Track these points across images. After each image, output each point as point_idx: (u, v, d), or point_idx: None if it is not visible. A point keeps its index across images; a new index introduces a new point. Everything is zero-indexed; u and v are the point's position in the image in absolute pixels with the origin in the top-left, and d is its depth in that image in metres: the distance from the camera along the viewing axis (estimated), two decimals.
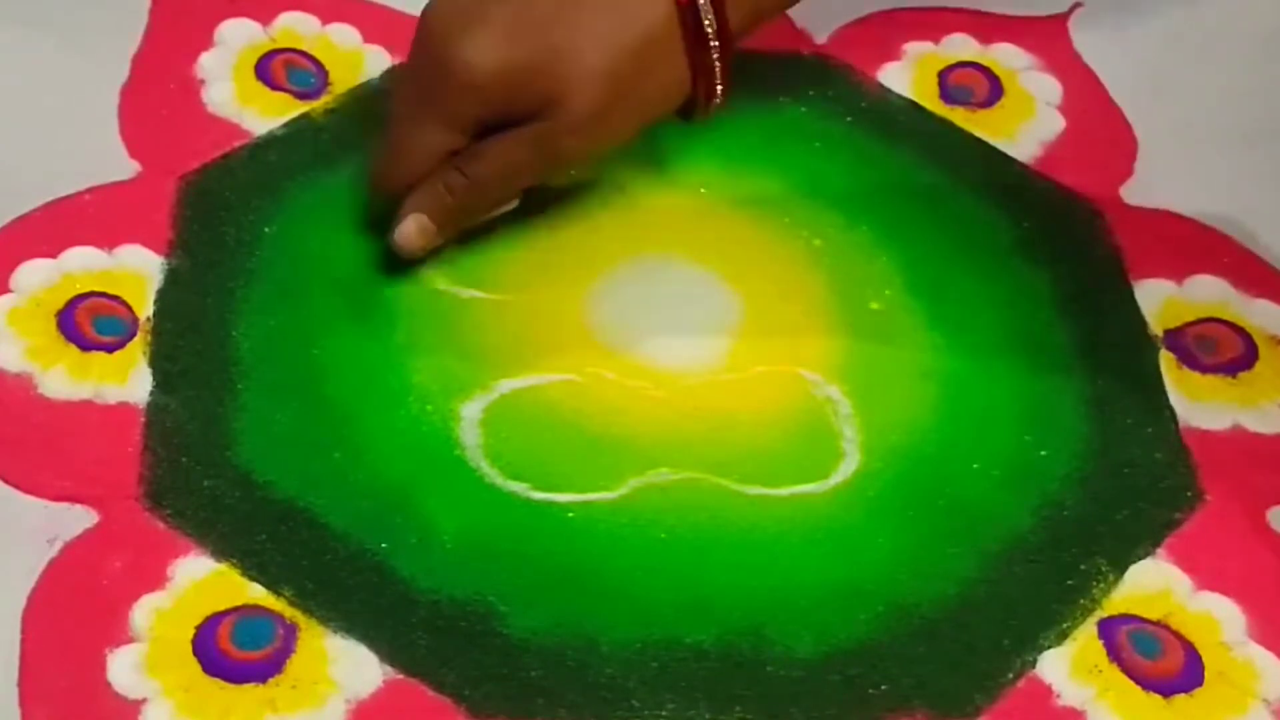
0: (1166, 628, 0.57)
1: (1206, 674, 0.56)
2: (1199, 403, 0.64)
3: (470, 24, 0.61)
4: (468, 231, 0.65)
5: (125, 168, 0.66)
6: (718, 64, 0.63)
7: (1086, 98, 0.76)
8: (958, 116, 0.74)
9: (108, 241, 0.63)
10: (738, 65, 0.63)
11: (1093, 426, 0.63)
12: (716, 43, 0.62)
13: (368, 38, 0.72)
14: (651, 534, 0.58)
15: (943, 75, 0.75)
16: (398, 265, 0.64)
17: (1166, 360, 0.66)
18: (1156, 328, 0.67)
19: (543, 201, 0.67)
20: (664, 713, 0.53)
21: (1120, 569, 0.59)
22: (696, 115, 0.65)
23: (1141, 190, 0.72)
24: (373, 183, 0.65)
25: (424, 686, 0.53)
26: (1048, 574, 0.58)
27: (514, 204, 0.65)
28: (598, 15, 0.61)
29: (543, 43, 0.61)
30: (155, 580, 0.54)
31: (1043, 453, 0.62)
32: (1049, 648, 0.56)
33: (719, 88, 0.64)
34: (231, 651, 0.52)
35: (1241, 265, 0.69)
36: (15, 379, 0.58)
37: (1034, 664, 0.56)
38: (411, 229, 0.63)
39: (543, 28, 0.61)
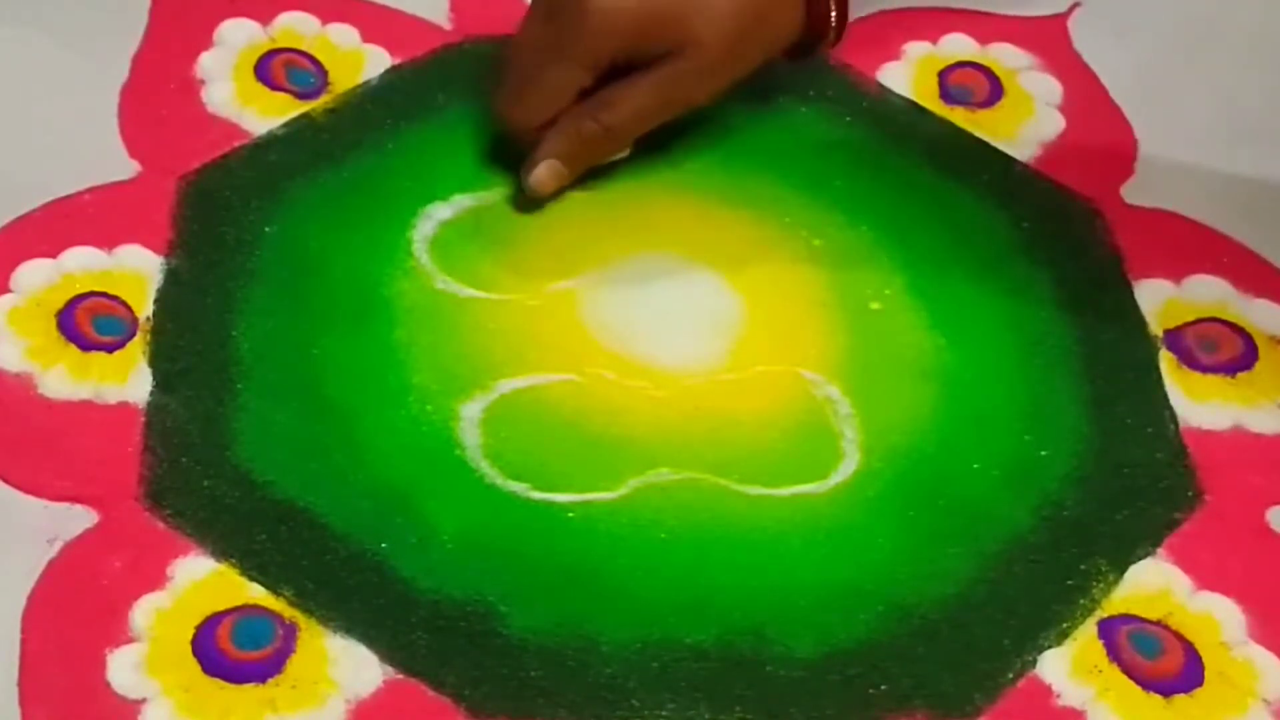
0: (1166, 628, 0.57)
1: (1206, 674, 0.56)
2: (1199, 403, 0.64)
3: None
4: (468, 231, 0.65)
5: (125, 168, 0.66)
6: (833, 7, 0.68)
7: (1086, 98, 0.76)
8: (958, 116, 0.74)
9: (108, 241, 0.63)
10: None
11: (1093, 426, 0.63)
12: None
13: (367, 38, 0.72)
14: (651, 534, 0.58)
15: (943, 75, 0.75)
16: (398, 265, 0.64)
17: (1166, 360, 0.66)
18: (1156, 328, 0.67)
19: (543, 202, 0.67)
20: (664, 713, 0.53)
21: (1120, 569, 0.59)
22: (808, 54, 0.69)
23: (1141, 190, 0.72)
24: (503, 116, 0.67)
25: (424, 686, 0.53)
26: (1048, 574, 0.58)
27: (628, 151, 0.68)
28: None
29: None
30: (155, 580, 0.54)
31: (1043, 453, 0.62)
32: (1049, 648, 0.56)
33: (834, 27, 0.68)
34: (231, 651, 0.52)
35: (1241, 265, 0.69)
36: (15, 379, 0.58)
37: (1034, 664, 0.56)
38: (545, 173, 0.66)
39: None
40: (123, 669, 0.52)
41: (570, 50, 0.65)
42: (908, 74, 0.75)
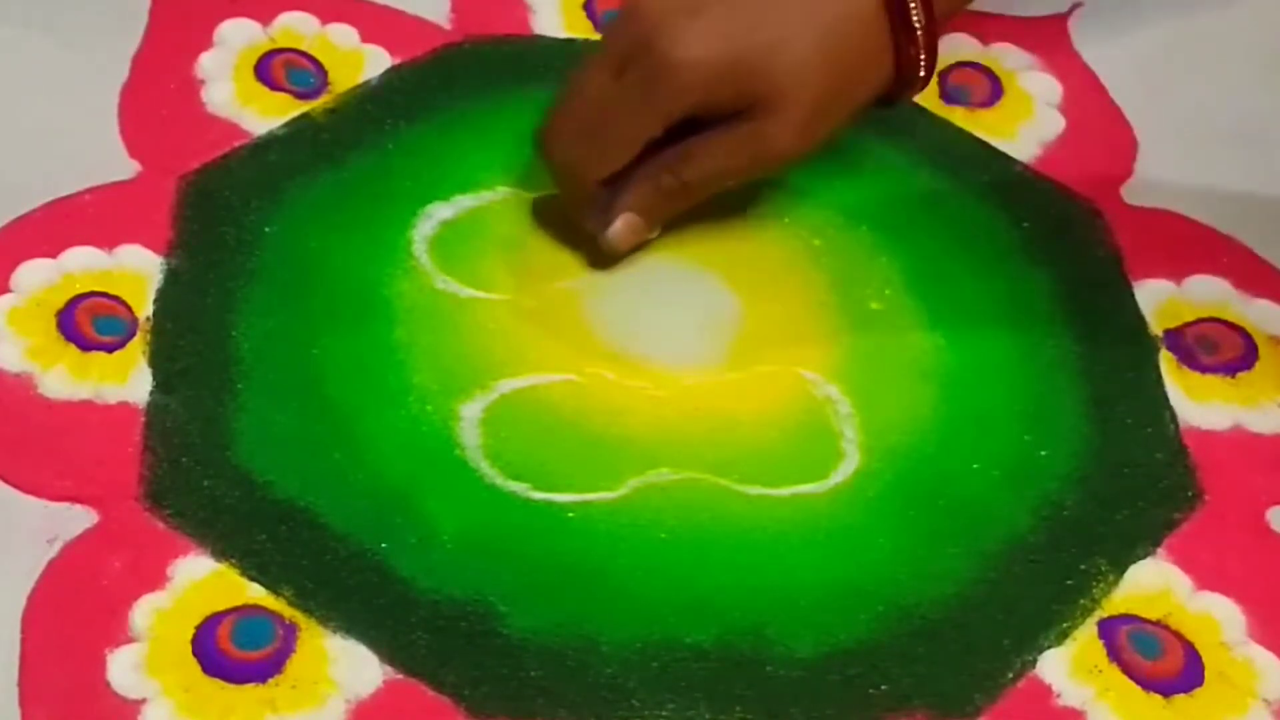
0: (1166, 628, 0.57)
1: (1206, 674, 0.56)
2: (1199, 403, 0.64)
3: (687, 16, 0.60)
4: (468, 231, 0.65)
5: (125, 168, 0.66)
6: (923, 54, 0.63)
7: (1086, 98, 0.76)
8: (958, 116, 0.74)
9: (108, 241, 0.63)
10: None
11: (1093, 426, 0.63)
12: (921, 30, 0.62)
13: (367, 38, 0.72)
14: (651, 534, 0.58)
15: (943, 75, 0.75)
16: (398, 265, 0.64)
17: (1166, 360, 0.66)
18: (1156, 328, 0.67)
19: (543, 202, 0.67)
20: (664, 713, 0.53)
21: (1120, 569, 0.59)
22: (897, 103, 0.65)
23: (1141, 190, 0.72)
24: (567, 166, 0.64)
25: (424, 686, 0.53)
26: (1048, 574, 0.58)
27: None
28: (808, 9, 0.61)
29: (759, 39, 0.61)
30: (155, 580, 0.54)
31: (1043, 453, 0.62)
32: (1049, 648, 0.56)
33: (922, 75, 0.64)
34: (231, 651, 0.52)
35: (1241, 265, 0.69)
36: (15, 379, 0.58)
37: (1034, 664, 0.56)
38: (623, 229, 0.63)
39: (757, 23, 0.61)
40: (123, 669, 0.52)
41: (648, 103, 0.61)
42: None
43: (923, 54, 0.63)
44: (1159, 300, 0.68)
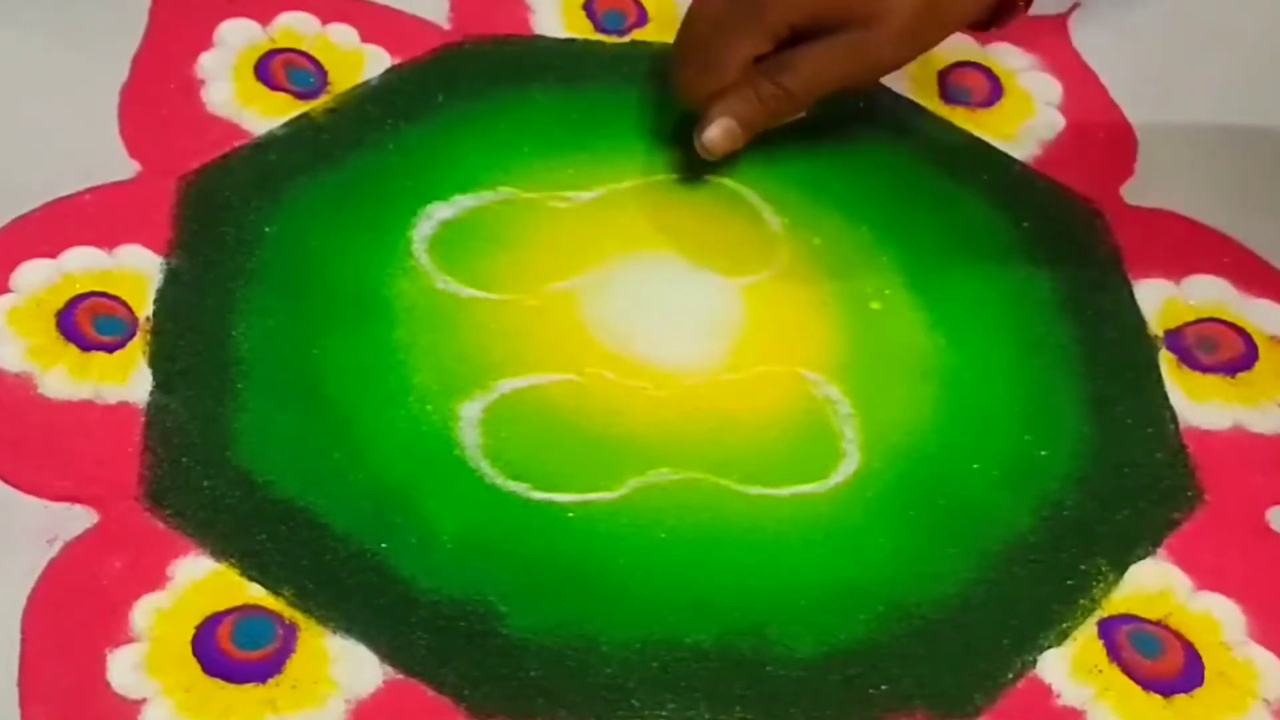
0: (1166, 628, 0.57)
1: (1206, 674, 0.56)
2: (1199, 403, 0.64)
3: None
4: (468, 231, 0.65)
5: (125, 168, 0.66)
6: None
7: (1086, 97, 0.76)
8: (958, 116, 0.74)
9: (108, 241, 0.63)
10: None
11: (1093, 426, 0.63)
12: None
13: (367, 37, 0.72)
14: (651, 534, 0.58)
15: (943, 75, 0.75)
16: (398, 265, 0.64)
17: (1166, 360, 0.66)
18: (1156, 328, 0.67)
19: (543, 202, 0.67)
20: (664, 713, 0.53)
21: (1120, 569, 0.59)
22: (997, 25, 0.68)
23: (1141, 190, 0.72)
24: (682, 86, 0.66)
25: (424, 686, 0.53)
26: (1048, 574, 0.58)
27: (804, 114, 0.67)
28: None
29: None
30: (155, 580, 0.54)
31: (1043, 453, 0.62)
32: (1049, 648, 0.56)
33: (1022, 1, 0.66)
34: (231, 651, 0.52)
35: (1241, 265, 0.69)
36: (15, 379, 0.58)
37: (1034, 664, 0.56)
38: (718, 134, 0.65)
39: None
40: (123, 669, 0.52)
41: (753, 21, 0.64)
42: (908, 73, 0.75)
43: None
44: (1159, 300, 0.68)
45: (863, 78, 0.66)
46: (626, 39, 0.74)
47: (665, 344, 0.63)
